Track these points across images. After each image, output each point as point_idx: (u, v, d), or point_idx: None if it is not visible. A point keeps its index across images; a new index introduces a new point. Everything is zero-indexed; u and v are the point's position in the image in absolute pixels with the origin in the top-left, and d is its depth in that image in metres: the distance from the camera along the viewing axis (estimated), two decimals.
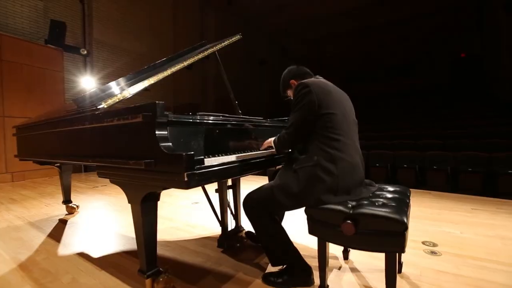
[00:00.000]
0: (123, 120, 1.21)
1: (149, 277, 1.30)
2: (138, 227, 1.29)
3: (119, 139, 1.28)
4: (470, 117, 7.32)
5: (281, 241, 1.40)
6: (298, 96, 1.32)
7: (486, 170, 4.38)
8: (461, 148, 5.14)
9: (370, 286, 1.38)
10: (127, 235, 2.20)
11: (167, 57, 2.17)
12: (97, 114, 1.36)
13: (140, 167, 1.13)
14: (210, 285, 1.42)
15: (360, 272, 1.52)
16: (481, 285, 1.37)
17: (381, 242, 1.07)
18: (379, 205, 1.14)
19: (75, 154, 1.59)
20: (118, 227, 2.40)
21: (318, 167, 1.23)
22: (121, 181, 1.32)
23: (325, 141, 1.26)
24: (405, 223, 1.02)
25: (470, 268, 1.54)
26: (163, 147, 1.10)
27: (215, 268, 1.61)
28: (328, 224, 1.18)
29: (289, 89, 1.58)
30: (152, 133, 1.13)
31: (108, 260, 1.75)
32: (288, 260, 1.41)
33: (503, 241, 1.93)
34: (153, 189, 1.21)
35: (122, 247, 1.94)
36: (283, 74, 1.60)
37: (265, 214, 1.39)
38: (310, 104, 1.27)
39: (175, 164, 1.05)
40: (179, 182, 1.05)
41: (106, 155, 1.34)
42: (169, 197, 3.60)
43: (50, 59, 5.35)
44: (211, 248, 1.89)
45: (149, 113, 1.12)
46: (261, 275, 1.48)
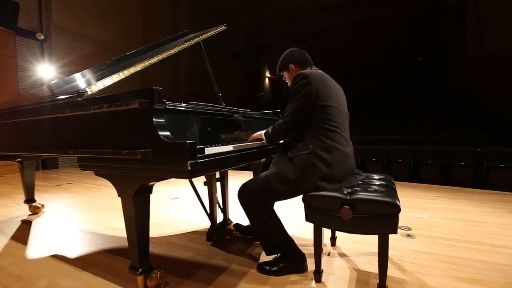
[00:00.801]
0: (115, 107, 1.12)
1: (142, 274, 1.24)
2: (130, 221, 1.22)
3: (108, 128, 1.19)
4: (426, 115, 8.05)
5: (276, 230, 1.42)
6: (297, 86, 1.33)
7: (442, 162, 4.86)
8: (421, 143, 5.65)
9: (359, 268, 1.47)
10: (103, 233, 2.06)
11: (147, 45, 2.06)
12: (80, 100, 1.25)
13: (135, 157, 1.07)
14: (204, 278, 1.40)
15: (348, 256, 1.61)
16: (451, 261, 1.53)
17: (376, 225, 1.14)
18: (372, 191, 1.21)
19: (50, 146, 1.44)
20: (91, 225, 2.24)
21: (313, 155, 1.27)
22: (110, 173, 1.23)
23: (321, 131, 1.30)
24: (398, 206, 1.10)
25: (441, 247, 1.72)
26: (162, 135, 1.05)
27: (207, 261, 1.58)
28: (325, 211, 1.23)
29: (286, 71, 1.56)
30: (149, 120, 1.07)
31: (87, 260, 1.63)
32: (283, 249, 1.44)
33: (464, 223, 2.17)
34: (149, 181, 1.15)
35: (100, 246, 1.82)
36: (284, 54, 1.57)
37: (260, 204, 1.39)
38: (308, 95, 1.30)
39: (177, 153, 1.01)
40: (181, 171, 1.01)
41: (93, 145, 1.24)
42: None
43: (0, 43, 4.74)
44: (200, 242, 1.85)
45: (146, 99, 1.06)
46: (255, 265, 1.49)
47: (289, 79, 1.56)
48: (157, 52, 1.84)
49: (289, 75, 1.55)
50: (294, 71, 1.52)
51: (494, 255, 1.60)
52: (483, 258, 1.56)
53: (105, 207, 2.82)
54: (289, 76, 1.56)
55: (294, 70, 1.52)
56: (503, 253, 1.63)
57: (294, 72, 1.51)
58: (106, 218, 2.44)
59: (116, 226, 2.22)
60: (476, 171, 4.49)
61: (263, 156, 1.74)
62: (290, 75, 1.54)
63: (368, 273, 1.41)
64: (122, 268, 1.51)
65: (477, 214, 2.39)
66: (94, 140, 1.24)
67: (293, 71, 1.52)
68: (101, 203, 3.01)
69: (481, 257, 1.58)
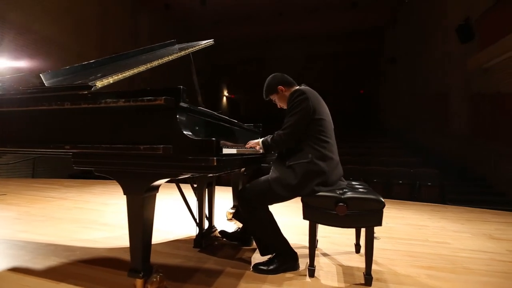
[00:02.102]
0: (134, 102, 1.13)
1: (143, 277, 1.19)
2: (136, 220, 1.18)
3: (122, 123, 1.18)
4: (369, 140, 9.20)
5: (272, 231, 1.52)
6: (295, 101, 1.48)
7: (386, 181, 5.61)
8: (367, 164, 6.42)
9: (342, 264, 1.64)
10: (70, 244, 1.86)
11: (138, 49, 2.05)
12: (86, 94, 1.21)
13: (155, 152, 1.09)
14: (203, 281, 1.39)
15: (330, 255, 1.78)
16: (411, 254, 1.83)
17: (365, 219, 1.34)
18: (360, 192, 1.42)
19: (37, 140, 1.31)
20: (52, 237, 1.99)
21: (312, 164, 1.43)
22: (117, 169, 1.19)
23: (317, 142, 1.47)
24: (383, 202, 1.33)
25: (400, 245, 2.02)
26: (186, 133, 1.10)
27: (200, 266, 1.57)
28: (321, 209, 1.39)
29: (275, 93, 1.67)
30: (173, 118, 1.11)
31: (61, 271, 1.46)
32: (279, 249, 1.53)
33: (412, 227, 2.58)
34: (165, 177, 1.16)
35: (72, 258, 1.64)
36: (268, 79, 1.69)
37: (260, 206, 1.49)
38: (307, 109, 1.46)
39: (204, 149, 1.07)
40: (206, 167, 1.07)
41: (98, 140, 1.19)
42: (106, 206, 3.16)
43: None
44: (187, 249, 1.81)
45: (172, 97, 1.11)
46: (249, 267, 1.55)
47: (279, 100, 1.68)
48: (152, 57, 1.86)
49: (279, 96, 1.66)
50: (283, 91, 1.64)
51: (440, 249, 1.96)
52: (432, 251, 1.90)
53: (60, 219, 2.51)
54: (279, 97, 1.67)
55: (283, 90, 1.64)
56: (445, 247, 2.01)
57: (284, 92, 1.64)
58: (67, 230, 2.18)
59: (82, 237, 2.01)
60: (411, 188, 5.30)
61: (256, 163, 1.86)
62: (279, 96, 1.66)
63: (351, 267, 1.60)
64: (105, 276, 1.41)
65: (420, 220, 2.85)
66: (101, 135, 1.20)
67: (282, 91, 1.64)
68: (53, 214, 2.66)
69: (431, 251, 1.92)
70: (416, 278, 1.48)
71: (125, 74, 1.43)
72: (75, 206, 3.08)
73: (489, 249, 2.01)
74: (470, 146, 6.10)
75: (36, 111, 1.31)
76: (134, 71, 1.50)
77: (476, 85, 6.09)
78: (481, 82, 5.91)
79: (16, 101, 1.36)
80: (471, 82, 6.23)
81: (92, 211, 2.87)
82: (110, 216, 2.68)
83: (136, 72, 1.51)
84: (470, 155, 6.12)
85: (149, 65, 1.63)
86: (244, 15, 10.58)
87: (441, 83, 7.23)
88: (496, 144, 5.42)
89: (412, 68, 9.15)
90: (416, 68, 8.86)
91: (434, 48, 7.55)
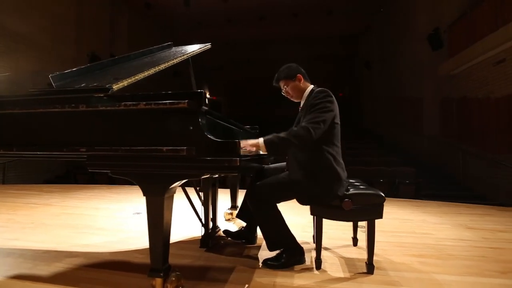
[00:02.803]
0: (156, 105, 1.17)
1: (163, 276, 1.22)
2: (157, 221, 1.21)
3: (141, 125, 1.20)
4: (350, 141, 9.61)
5: (281, 227, 1.60)
6: (324, 101, 1.46)
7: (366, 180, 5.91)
8: (350, 164, 6.72)
9: (343, 256, 1.76)
10: (72, 250, 1.81)
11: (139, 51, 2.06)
12: (102, 96, 1.22)
13: (179, 154, 1.13)
14: (217, 278, 1.44)
15: (330, 249, 1.89)
16: (402, 245, 2.00)
17: (367, 213, 1.47)
18: (361, 188, 1.55)
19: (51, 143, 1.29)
20: (49, 244, 1.92)
21: (334, 171, 1.48)
22: (137, 171, 1.21)
23: (332, 146, 1.52)
24: (383, 196, 1.46)
25: (391, 237, 2.20)
26: (208, 135, 1.16)
27: (211, 264, 1.62)
28: (327, 205, 1.50)
29: (291, 80, 1.60)
30: (196, 120, 1.16)
31: (70, 277, 1.43)
32: (287, 244, 1.61)
33: (399, 221, 2.78)
34: (186, 178, 1.20)
35: (75, 263, 1.61)
36: (287, 66, 1.65)
37: (271, 204, 1.57)
38: (333, 112, 1.48)
39: (227, 150, 1.13)
40: (229, 167, 1.13)
41: (116, 142, 1.21)
42: (97, 210, 3.07)
43: None
44: (194, 250, 1.84)
45: (193, 100, 1.16)
46: (258, 263, 1.62)
47: (292, 88, 1.62)
48: (156, 60, 1.88)
49: (294, 85, 1.61)
50: (300, 81, 1.62)
51: (425, 239, 2.16)
52: (419, 242, 2.09)
53: (51, 225, 2.41)
54: (293, 86, 1.61)
55: (301, 80, 1.62)
56: (430, 237, 2.21)
57: (300, 82, 1.62)
58: (62, 236, 2.11)
59: (82, 243, 1.96)
60: (391, 186, 5.64)
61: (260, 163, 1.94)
62: (294, 84, 1.61)
63: (352, 258, 1.72)
64: (118, 279, 1.41)
65: (404, 215, 3.08)
66: (120, 137, 1.22)
67: (300, 81, 1.62)
68: (41, 221, 2.55)
69: (418, 241, 2.10)
70: (410, 265, 1.64)
71: (137, 77, 1.45)
72: (63, 212, 2.95)
73: (467, 237, 2.24)
74: (441, 146, 6.61)
75: (47, 114, 1.29)
76: (145, 74, 1.52)
77: (446, 90, 6.62)
78: (450, 87, 6.44)
79: (24, 103, 1.33)
80: (441, 87, 6.76)
81: (83, 216, 2.78)
82: (103, 220, 2.61)
83: (146, 75, 1.53)
84: (441, 154, 6.63)
85: (157, 68, 1.65)
86: (227, 17, 10.62)
87: (415, 87, 7.76)
88: (463, 144, 5.93)
89: (388, 73, 9.71)
90: (391, 73, 9.42)
91: (407, 54, 8.09)
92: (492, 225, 2.68)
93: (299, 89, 1.64)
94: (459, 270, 1.60)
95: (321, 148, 1.50)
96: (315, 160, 1.51)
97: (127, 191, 4.68)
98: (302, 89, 1.64)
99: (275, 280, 1.43)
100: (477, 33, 5.30)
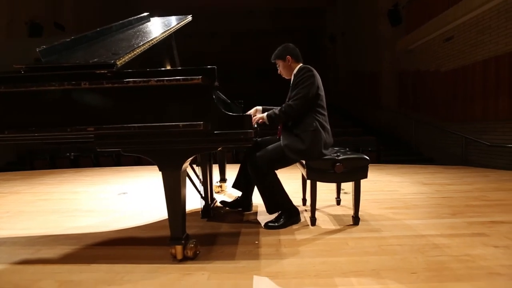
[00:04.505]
0: (168, 82, 1.18)
1: (184, 243, 1.32)
2: (175, 193, 1.28)
3: (153, 102, 1.21)
4: None
5: (279, 191, 1.77)
6: (304, 76, 1.67)
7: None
8: None
9: (331, 214, 2.02)
10: (63, 233, 1.79)
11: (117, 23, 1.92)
12: (106, 73, 1.19)
13: (196, 129, 1.18)
14: (227, 242, 1.58)
15: (318, 209, 2.12)
16: (376, 201, 2.34)
17: (355, 174, 1.70)
18: (349, 154, 1.76)
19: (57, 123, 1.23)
20: (39, 230, 1.86)
21: (317, 131, 1.68)
22: (152, 148, 1.24)
23: (318, 114, 1.72)
24: (368, 159, 1.69)
25: (367, 195, 2.52)
26: (222, 109, 1.22)
27: (217, 231, 1.74)
28: (322, 169, 1.69)
29: (282, 60, 1.81)
30: (210, 95, 1.21)
31: (82, 255, 1.45)
32: (284, 206, 1.80)
33: (370, 182, 3.15)
34: (204, 151, 1.28)
35: (81, 243, 1.61)
36: (282, 47, 1.83)
37: (270, 171, 1.71)
38: (313, 85, 1.68)
39: (242, 124, 1.21)
40: (245, 139, 1.22)
41: (127, 120, 1.21)
42: (76, 194, 2.95)
43: None
44: (196, 221, 1.94)
45: (207, 76, 1.19)
46: (260, 226, 1.79)
47: (282, 67, 1.84)
48: (144, 33, 1.80)
49: (284, 64, 1.82)
50: (289, 62, 1.80)
51: (393, 195, 2.54)
52: (389, 197, 2.46)
53: (33, 212, 2.29)
54: (283, 65, 1.82)
55: (290, 60, 1.79)
56: (396, 193, 2.61)
57: (289, 62, 1.80)
58: (50, 221, 2.04)
59: (78, 225, 1.94)
60: None
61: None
62: (285, 64, 1.81)
63: (339, 215, 1.99)
64: (133, 252, 1.46)
65: (373, 177, 3.49)
66: (131, 115, 1.21)
67: (289, 62, 1.80)
68: (18, 208, 2.41)
69: (388, 197, 2.47)
70: (386, 215, 1.96)
71: (136, 52, 1.41)
72: (38, 198, 2.78)
73: (424, 191, 2.68)
74: (398, 116, 7.33)
75: (42, 92, 1.22)
76: (141, 48, 1.48)
77: (403, 64, 7.21)
78: (407, 61, 7.02)
79: (12, 79, 1.23)
80: (399, 61, 7.33)
81: (64, 200, 2.66)
82: (89, 203, 2.54)
83: (143, 50, 1.49)
84: (398, 124, 7.38)
85: (151, 42, 1.60)
86: None
87: (375, 62, 8.29)
88: (416, 114, 6.66)
89: (350, 47, 10.13)
90: (354, 48, 9.85)
91: (369, 29, 8.49)
92: (441, 180, 3.21)
93: (288, 68, 1.83)
94: (422, 215, 1.96)
95: (308, 116, 1.71)
96: (303, 125, 1.70)
97: (97, 173, 4.49)
98: (291, 68, 1.82)
99: (279, 237, 1.61)
100: (432, 11, 5.77)
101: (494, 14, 4.40)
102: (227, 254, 1.41)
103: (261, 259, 1.35)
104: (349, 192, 2.59)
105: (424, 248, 1.41)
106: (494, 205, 2.18)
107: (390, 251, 1.39)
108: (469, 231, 1.63)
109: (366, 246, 1.46)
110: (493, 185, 2.90)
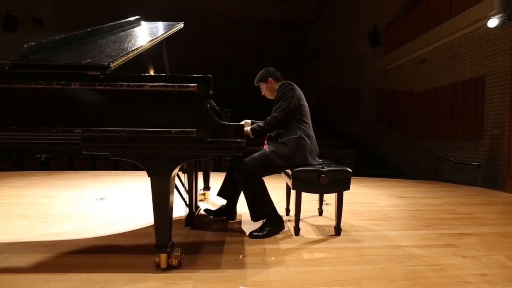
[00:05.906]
0: (164, 88, 1.18)
1: (169, 251, 1.29)
2: (163, 200, 1.26)
3: (146, 107, 1.21)
4: None
5: (265, 199, 1.80)
6: (285, 90, 1.82)
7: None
8: None
9: (314, 224, 2.07)
10: (33, 240, 1.69)
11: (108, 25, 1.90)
12: (98, 75, 1.17)
13: (189, 136, 1.19)
14: (212, 251, 1.56)
15: (301, 219, 2.17)
16: (356, 212, 2.43)
17: (338, 186, 1.76)
18: (333, 166, 1.84)
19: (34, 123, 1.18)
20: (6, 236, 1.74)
21: (301, 139, 1.79)
22: (142, 153, 1.23)
23: (301, 123, 1.84)
24: (351, 172, 1.77)
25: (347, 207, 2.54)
26: (216, 118, 1.24)
27: (201, 240, 1.72)
28: (307, 180, 1.74)
29: (264, 82, 1.99)
30: (204, 103, 1.23)
31: (56, 264, 1.37)
32: (269, 214, 1.82)
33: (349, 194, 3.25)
34: (194, 159, 1.28)
35: (55, 251, 1.52)
36: (264, 70, 2.01)
37: (257, 177, 1.75)
38: (294, 97, 1.81)
39: (236, 132, 1.24)
40: (236, 148, 1.24)
41: (117, 124, 1.19)
42: (48, 198, 2.78)
43: None
44: (180, 229, 1.90)
45: (202, 84, 1.21)
46: (245, 235, 1.79)
47: (266, 89, 2.01)
48: (138, 37, 1.79)
49: (267, 86, 1.99)
50: (271, 83, 1.98)
51: (371, 207, 2.66)
52: (368, 209, 2.57)
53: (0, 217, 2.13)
54: (266, 87, 2.00)
55: (271, 82, 1.98)
56: (375, 205, 2.73)
57: (271, 84, 1.97)
58: (23, 227, 1.91)
59: (52, 232, 1.83)
60: None
61: None
62: (267, 86, 1.99)
63: (321, 225, 2.05)
64: (113, 261, 1.41)
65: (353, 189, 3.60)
66: (122, 118, 1.20)
67: (271, 83, 1.98)
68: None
69: (367, 209, 2.58)
70: (365, 226, 2.04)
71: (130, 55, 1.40)
72: (5, 202, 2.59)
73: (400, 204, 2.83)
74: (375, 131, 7.70)
75: (28, 90, 1.17)
76: (134, 52, 1.47)
77: (380, 83, 7.64)
78: (384, 80, 7.46)
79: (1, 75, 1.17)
80: (377, 80, 7.76)
81: (35, 205, 2.50)
82: (64, 208, 2.41)
83: (136, 53, 1.48)
84: (375, 139, 7.74)
85: (144, 47, 1.59)
86: None
87: (355, 78, 8.71)
88: (392, 130, 7.04)
89: (332, 63, 10.58)
90: (335, 63, 10.31)
91: (351, 47, 8.95)
92: (414, 193, 3.40)
93: (271, 89, 1.99)
94: (398, 227, 2.07)
95: (292, 125, 1.83)
96: (287, 133, 1.81)
97: (71, 176, 4.27)
98: (273, 89, 1.98)
99: (264, 247, 1.63)
100: (407, 36, 6.23)
101: (462, 43, 4.84)
102: (212, 263, 1.40)
103: (247, 268, 1.35)
104: (330, 203, 2.68)
105: (401, 258, 1.49)
106: (462, 218, 2.35)
107: (370, 261, 1.46)
108: (440, 242, 1.75)
109: (347, 256, 1.51)
110: (461, 199, 3.13)
